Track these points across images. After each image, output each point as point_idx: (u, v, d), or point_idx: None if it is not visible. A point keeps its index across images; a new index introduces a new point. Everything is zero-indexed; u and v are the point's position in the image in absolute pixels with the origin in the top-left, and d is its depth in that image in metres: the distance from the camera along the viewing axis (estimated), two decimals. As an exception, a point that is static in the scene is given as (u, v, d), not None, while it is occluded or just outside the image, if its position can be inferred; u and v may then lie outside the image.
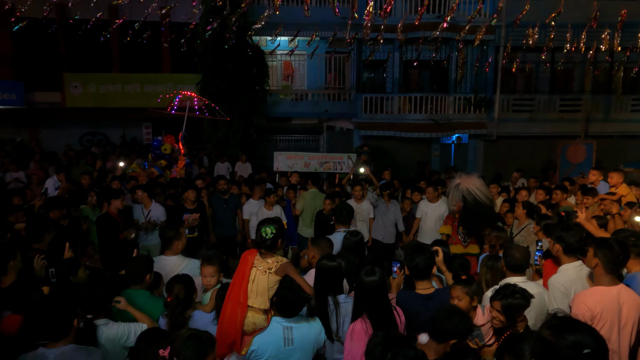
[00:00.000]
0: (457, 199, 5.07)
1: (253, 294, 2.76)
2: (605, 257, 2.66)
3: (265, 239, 2.78)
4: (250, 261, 2.80)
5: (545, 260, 3.61)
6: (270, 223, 2.84)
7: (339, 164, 9.68)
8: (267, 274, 2.75)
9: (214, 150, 11.93)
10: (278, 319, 2.76)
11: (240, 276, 2.79)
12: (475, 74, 14.07)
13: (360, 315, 2.79)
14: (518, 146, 14.19)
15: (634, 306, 2.65)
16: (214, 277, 3.30)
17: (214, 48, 10.59)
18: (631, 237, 3.33)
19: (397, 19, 10.29)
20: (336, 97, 13.86)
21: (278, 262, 2.79)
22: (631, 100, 14.39)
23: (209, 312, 3.09)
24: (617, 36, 8.78)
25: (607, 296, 2.60)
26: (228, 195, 6.93)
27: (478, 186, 4.97)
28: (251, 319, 2.74)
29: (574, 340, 1.58)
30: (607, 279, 2.68)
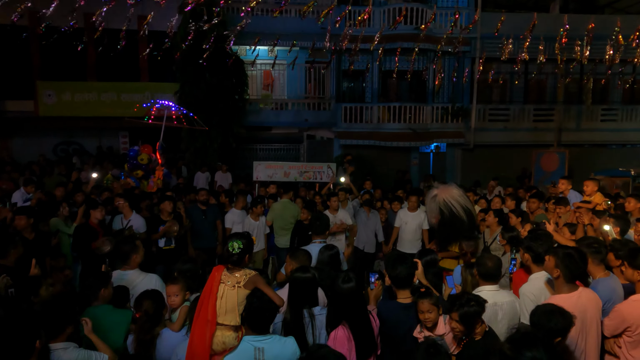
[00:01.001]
0: (434, 212, 4.94)
1: (222, 311, 2.70)
2: (566, 268, 2.73)
3: (232, 254, 2.74)
4: (217, 277, 2.74)
5: (516, 270, 3.68)
6: (237, 238, 2.80)
7: (319, 173, 9.67)
8: (235, 289, 2.70)
9: (192, 159, 11.81)
10: (249, 338, 2.66)
11: (207, 293, 2.72)
12: (452, 84, 14.37)
13: (339, 322, 2.80)
14: (495, 155, 14.50)
15: (594, 306, 2.75)
16: (177, 296, 3.18)
17: (193, 57, 10.51)
18: (594, 244, 3.43)
19: (376, 30, 10.45)
20: (316, 107, 13.94)
21: (246, 275, 2.75)
22: (601, 110, 14.92)
23: (177, 330, 3.00)
24: (586, 48, 9.10)
25: (567, 304, 2.65)
26: (206, 207, 6.84)
27: (456, 197, 4.85)
28: (220, 338, 2.66)
29: (530, 356, 1.67)
30: (567, 287, 2.76)
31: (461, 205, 4.77)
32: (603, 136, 14.94)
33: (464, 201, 4.87)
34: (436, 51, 10.90)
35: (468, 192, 7.34)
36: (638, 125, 14.99)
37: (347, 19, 11.93)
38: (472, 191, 7.49)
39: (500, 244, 4.95)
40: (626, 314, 2.84)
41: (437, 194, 4.92)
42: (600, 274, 3.34)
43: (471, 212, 4.94)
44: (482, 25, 13.05)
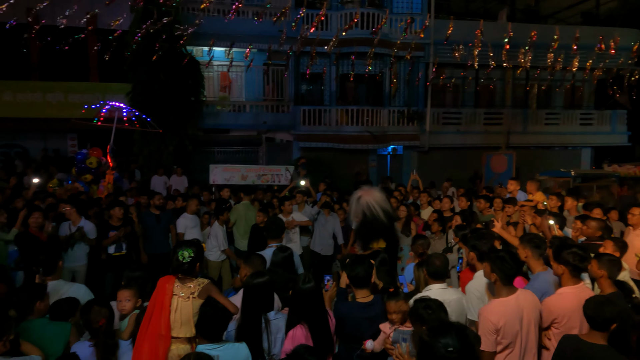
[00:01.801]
0: (358, 213, 5.07)
1: (177, 324, 2.63)
2: (502, 272, 2.84)
3: (183, 263, 2.67)
4: (168, 289, 2.66)
5: (463, 269, 3.83)
6: (187, 246, 2.74)
7: (277, 176, 9.65)
8: (190, 300, 2.64)
9: (146, 163, 11.41)
10: (203, 347, 2.62)
11: (158, 306, 2.63)
12: (408, 88, 14.76)
13: (299, 322, 2.83)
14: (448, 157, 15.02)
15: (532, 307, 2.87)
16: (129, 301, 3.10)
17: (145, 57, 10.19)
18: (535, 239, 3.63)
19: (334, 33, 10.57)
20: (275, 109, 13.89)
21: (200, 284, 2.70)
22: (545, 114, 15.82)
23: (126, 339, 2.91)
24: (529, 55, 9.63)
25: (507, 307, 2.78)
26: (160, 212, 6.65)
27: (378, 200, 5.01)
28: (176, 352, 2.60)
29: (444, 342, 1.84)
30: (505, 290, 2.86)
31: (382, 208, 4.93)
32: (547, 139, 15.84)
33: (385, 204, 5.05)
34: (391, 56, 11.17)
35: (423, 193, 7.60)
36: (578, 128, 16.04)
37: (304, 22, 11.99)
38: (426, 192, 7.71)
39: (454, 241, 5.14)
40: (552, 306, 2.99)
41: (361, 196, 5.07)
42: (539, 268, 3.51)
43: (390, 214, 5.13)
44: (436, 31, 13.50)
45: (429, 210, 7.08)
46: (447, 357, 1.82)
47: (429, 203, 7.41)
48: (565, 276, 3.08)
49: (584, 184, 10.87)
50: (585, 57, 10.60)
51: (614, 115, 16.27)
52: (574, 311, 2.97)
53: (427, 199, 7.39)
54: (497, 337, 2.73)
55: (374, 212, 4.90)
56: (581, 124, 16.07)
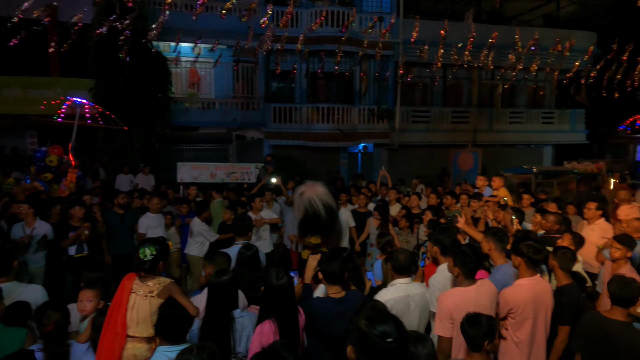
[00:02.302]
0: (301, 207, 5.13)
1: (133, 323, 2.56)
2: (464, 266, 2.93)
3: (144, 261, 2.61)
4: (127, 287, 2.61)
5: (427, 263, 3.91)
6: (150, 243, 2.68)
7: (247, 174, 9.57)
8: (148, 299, 2.58)
9: (111, 161, 11.07)
10: (163, 348, 2.54)
11: (117, 304, 2.57)
12: (377, 86, 14.92)
13: (268, 317, 2.82)
14: (417, 154, 15.30)
15: (490, 297, 2.97)
16: (91, 302, 3.00)
17: (109, 52, 9.87)
18: (498, 232, 3.76)
19: (303, 31, 10.57)
20: (245, 107, 13.75)
21: (160, 283, 2.64)
22: (509, 113, 16.34)
23: (83, 342, 2.81)
24: (491, 55, 9.91)
25: (465, 296, 2.86)
26: (124, 211, 6.46)
27: (320, 195, 5.07)
28: (131, 351, 2.53)
29: (381, 330, 1.79)
30: (466, 283, 2.95)
31: (323, 203, 5.00)
32: (511, 137, 16.38)
33: (328, 199, 5.10)
34: (361, 54, 11.25)
35: (392, 189, 7.71)
36: (540, 127, 16.66)
37: (274, 19, 11.92)
38: (395, 189, 7.81)
39: (426, 234, 5.24)
40: (509, 297, 3.10)
41: (304, 191, 5.11)
42: (500, 261, 3.62)
43: (333, 209, 5.19)
44: (405, 31, 13.70)
45: (397, 206, 7.19)
46: (385, 348, 1.77)
47: (398, 200, 7.53)
48: (522, 267, 3.20)
49: (546, 180, 11.32)
50: (546, 58, 11.01)
51: (574, 115, 16.99)
52: (529, 302, 3.08)
53: (395, 196, 7.50)
54: (452, 322, 2.79)
55: (315, 207, 4.95)
56: (543, 123, 16.70)
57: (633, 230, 4.66)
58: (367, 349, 1.80)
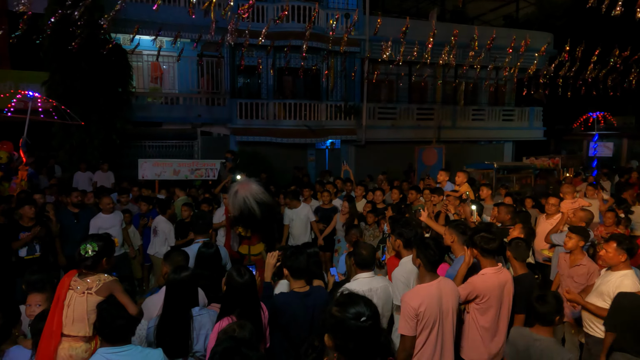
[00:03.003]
0: (236, 206, 5.10)
1: (69, 321, 2.44)
2: (425, 257, 2.96)
3: (85, 258, 2.49)
4: (66, 283, 2.48)
5: (389, 256, 3.95)
6: (93, 240, 2.56)
7: (212, 171, 9.37)
8: (85, 295, 2.47)
9: (67, 158, 10.58)
10: (104, 350, 2.39)
11: (55, 301, 2.45)
12: (345, 83, 14.97)
13: (229, 314, 2.78)
14: (384, 150, 15.48)
15: (451, 294, 3.02)
16: (40, 306, 2.84)
17: (63, 43, 9.40)
18: (461, 225, 3.84)
19: (270, 26, 10.43)
20: (210, 102, 13.47)
21: (101, 280, 2.53)
22: (472, 110, 16.80)
23: (30, 347, 2.65)
24: (453, 53, 10.11)
25: (428, 293, 2.90)
26: (79, 209, 6.19)
27: (254, 193, 5.07)
28: (67, 351, 2.41)
29: (354, 312, 1.85)
30: (428, 276, 2.99)
31: (257, 201, 5.01)
32: (474, 134, 16.86)
33: (263, 196, 5.12)
34: (327, 50, 11.24)
35: (359, 186, 7.75)
36: (501, 124, 17.23)
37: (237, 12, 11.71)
38: (361, 185, 7.86)
39: (388, 232, 5.29)
40: (477, 284, 3.21)
41: (238, 190, 5.09)
42: (461, 253, 3.69)
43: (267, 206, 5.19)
44: (371, 28, 13.79)
45: (363, 202, 7.25)
46: (361, 328, 1.83)
47: (364, 196, 7.59)
48: (480, 258, 3.30)
49: (506, 175, 11.72)
50: (505, 57, 11.36)
51: (532, 112, 17.68)
52: (494, 290, 3.20)
53: (361, 192, 7.55)
54: (417, 321, 2.83)
55: (249, 205, 4.94)
56: (504, 120, 17.28)
57: (579, 220, 4.88)
58: (344, 333, 1.85)
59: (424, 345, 2.88)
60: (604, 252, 3.68)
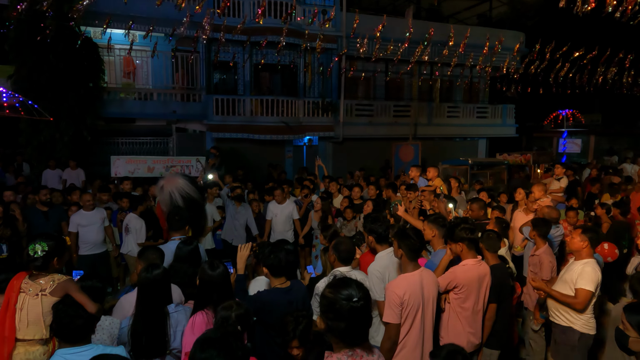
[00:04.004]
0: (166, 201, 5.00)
1: (23, 325, 2.35)
2: (407, 247, 3.01)
3: (34, 258, 2.41)
4: (15, 286, 2.38)
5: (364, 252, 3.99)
6: (42, 239, 2.47)
7: (187, 167, 9.25)
8: (39, 297, 2.38)
9: (35, 155, 10.22)
10: (63, 351, 2.32)
11: (4, 306, 2.35)
12: (322, 79, 14.96)
13: (203, 308, 2.77)
14: (361, 147, 15.58)
15: (432, 284, 3.09)
16: None
17: (30, 36, 9.06)
18: (439, 219, 3.91)
19: (247, 21, 10.32)
20: (185, 98, 13.23)
21: (54, 280, 2.44)
22: (447, 107, 17.07)
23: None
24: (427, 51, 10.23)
25: (411, 281, 2.96)
26: (48, 208, 6.00)
27: (180, 187, 4.95)
28: (24, 356, 2.33)
29: (347, 294, 1.95)
30: (411, 266, 3.04)
31: (182, 195, 4.90)
32: (449, 130, 17.15)
33: (188, 190, 4.98)
34: (304, 46, 11.20)
35: (332, 182, 7.77)
36: (475, 121, 17.59)
37: (213, 7, 11.55)
38: (334, 181, 7.89)
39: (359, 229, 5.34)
40: (458, 274, 3.30)
41: (164, 185, 4.99)
42: (440, 246, 3.82)
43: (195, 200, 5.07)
44: (348, 24, 13.83)
45: (340, 197, 7.29)
46: (353, 307, 1.92)
47: (339, 190, 7.63)
48: (464, 251, 3.36)
49: (480, 171, 11.98)
50: (479, 55, 11.59)
51: (505, 109, 18.11)
52: (474, 281, 3.30)
53: (336, 187, 7.58)
54: (402, 309, 2.89)
55: (174, 200, 4.86)
56: (478, 117, 17.64)
57: (546, 216, 5.08)
58: (336, 313, 1.95)
59: (407, 332, 2.95)
60: (569, 238, 3.87)
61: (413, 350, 2.98)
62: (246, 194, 7.92)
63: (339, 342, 2.03)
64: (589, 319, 3.67)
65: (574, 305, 3.59)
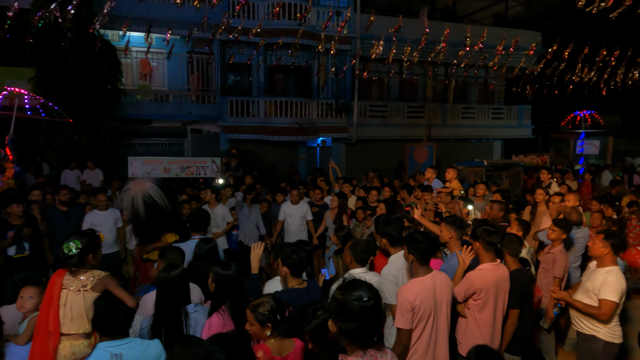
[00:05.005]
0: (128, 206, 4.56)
1: (67, 319, 2.43)
2: (417, 252, 2.98)
3: (70, 256, 2.47)
4: (57, 283, 2.46)
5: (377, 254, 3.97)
6: (75, 237, 2.54)
7: (203, 169, 9.30)
8: (82, 293, 2.45)
9: (55, 156, 10.43)
10: (104, 344, 2.41)
11: (47, 302, 2.43)
12: (336, 81, 14.97)
13: (217, 309, 2.79)
14: (375, 148, 15.53)
15: (445, 287, 3.04)
16: (32, 299, 2.82)
17: (52, 40, 9.26)
18: (457, 221, 3.87)
19: (258, 22, 10.38)
20: (200, 100, 13.38)
21: (94, 276, 2.52)
22: (462, 108, 16.91)
23: (23, 344, 2.62)
24: (443, 52, 10.15)
25: (424, 286, 2.93)
26: (68, 208, 6.12)
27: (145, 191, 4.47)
28: (69, 349, 2.40)
29: (357, 294, 1.99)
30: (422, 270, 3.00)
31: (144, 200, 4.42)
32: (463, 132, 16.99)
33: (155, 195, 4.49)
34: (318, 48, 11.22)
35: (345, 183, 7.75)
36: (490, 122, 17.39)
37: (228, 9, 11.65)
38: (347, 182, 7.88)
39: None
40: (475, 280, 3.24)
41: (130, 187, 4.57)
42: (456, 248, 3.74)
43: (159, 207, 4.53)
44: (362, 25, 13.82)
45: (353, 199, 7.28)
46: (364, 307, 1.95)
47: (352, 192, 7.62)
48: (481, 252, 3.32)
49: (495, 173, 11.84)
50: (495, 55, 11.46)
51: (521, 110, 17.87)
52: (492, 285, 3.23)
53: (349, 188, 7.57)
54: (413, 314, 2.86)
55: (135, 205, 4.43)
56: (493, 118, 17.44)
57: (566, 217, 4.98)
58: (347, 314, 1.97)
59: (419, 338, 2.92)
60: (591, 243, 3.74)
61: (424, 355, 2.95)
62: (263, 195, 7.99)
63: (351, 344, 2.04)
64: (613, 326, 3.51)
65: (598, 316, 3.46)
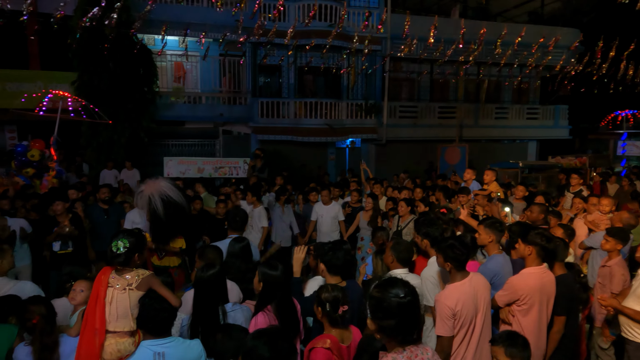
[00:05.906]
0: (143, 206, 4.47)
1: (113, 318, 2.49)
2: (454, 259, 2.90)
3: (117, 254, 2.53)
4: (104, 281, 2.52)
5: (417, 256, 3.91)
6: (123, 236, 2.60)
7: (235, 169, 9.49)
8: (127, 292, 2.51)
9: (95, 156, 10.84)
10: (148, 342, 2.46)
11: (93, 299, 2.49)
12: (365, 81, 14.90)
13: (263, 308, 2.80)
14: (405, 149, 15.35)
15: (484, 290, 2.97)
16: (83, 292, 2.93)
17: (92, 44, 9.64)
18: (496, 223, 3.77)
19: (290, 24, 10.48)
20: (232, 101, 13.60)
21: (139, 275, 2.57)
22: (494, 108, 16.49)
23: (74, 335, 2.73)
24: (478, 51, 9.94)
25: (462, 291, 2.86)
26: (108, 206, 6.34)
27: (162, 190, 4.38)
28: (115, 347, 2.46)
29: (394, 292, 2.04)
30: (459, 275, 2.93)
31: (162, 199, 4.33)
32: (496, 132, 16.55)
33: (171, 193, 4.41)
34: (349, 49, 11.21)
35: (376, 184, 7.69)
36: (524, 122, 16.88)
37: (262, 12, 11.79)
38: (379, 183, 7.82)
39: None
40: (517, 286, 3.14)
41: (144, 189, 4.47)
42: (495, 251, 3.65)
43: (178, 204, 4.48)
44: (392, 25, 13.72)
45: (383, 200, 7.23)
46: (401, 304, 2.00)
47: (383, 193, 7.57)
48: (532, 257, 3.20)
49: (531, 175, 11.50)
50: (531, 54, 11.13)
51: (557, 110, 17.26)
52: (536, 291, 3.12)
53: (380, 190, 7.52)
54: (454, 321, 2.80)
55: (153, 204, 4.32)
56: (527, 119, 16.92)
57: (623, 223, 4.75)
58: (385, 312, 2.02)
59: (461, 342, 2.86)
60: None
61: (470, 359, 2.88)
62: (295, 197, 8.04)
63: (391, 341, 2.07)
64: None
65: None
